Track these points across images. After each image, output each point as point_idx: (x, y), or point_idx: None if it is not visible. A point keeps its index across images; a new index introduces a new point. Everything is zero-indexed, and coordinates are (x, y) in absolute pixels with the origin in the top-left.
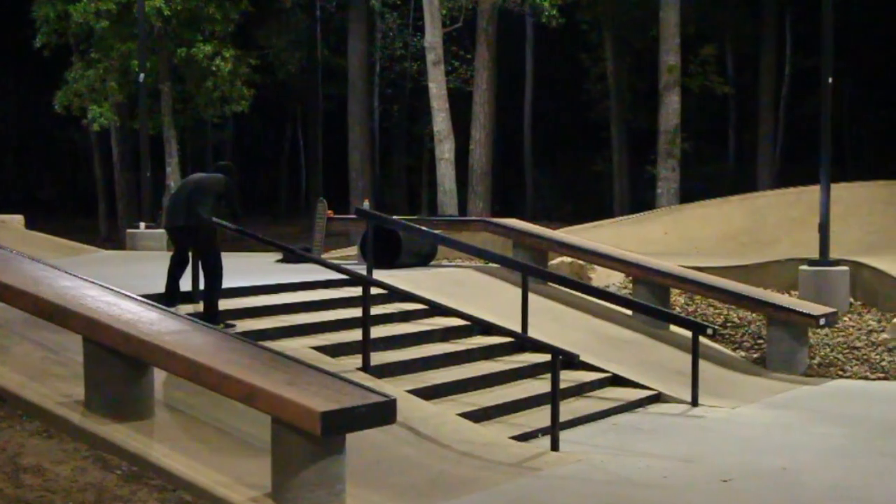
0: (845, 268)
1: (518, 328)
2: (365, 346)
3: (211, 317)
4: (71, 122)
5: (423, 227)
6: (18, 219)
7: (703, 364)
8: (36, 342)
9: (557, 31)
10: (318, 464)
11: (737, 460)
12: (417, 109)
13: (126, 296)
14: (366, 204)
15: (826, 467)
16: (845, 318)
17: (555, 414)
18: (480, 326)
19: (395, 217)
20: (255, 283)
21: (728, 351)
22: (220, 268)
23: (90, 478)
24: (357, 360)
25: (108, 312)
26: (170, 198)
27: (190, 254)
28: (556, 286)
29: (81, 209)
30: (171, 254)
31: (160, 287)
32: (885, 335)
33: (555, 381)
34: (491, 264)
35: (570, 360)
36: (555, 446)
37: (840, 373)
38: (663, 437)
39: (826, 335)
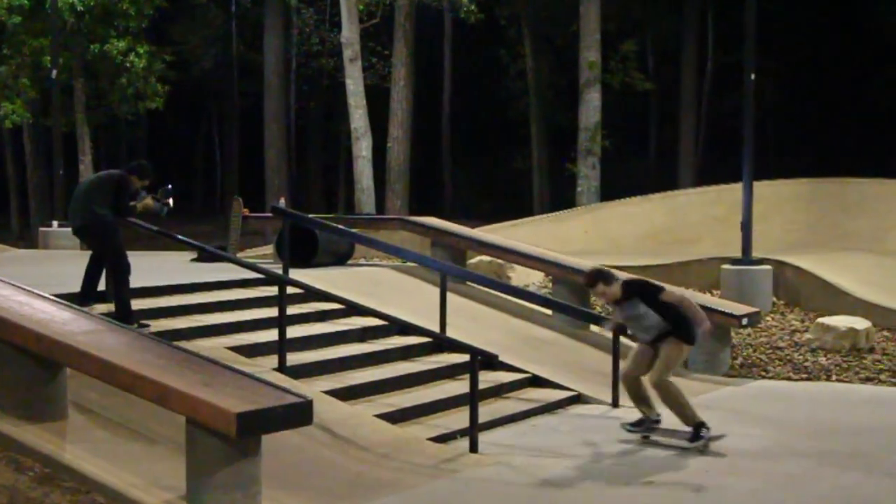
0: (768, 267)
1: (436, 328)
2: (281, 347)
3: (124, 316)
4: None
5: (341, 226)
6: None
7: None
8: None
9: (476, 27)
10: (233, 466)
11: (658, 462)
12: (334, 106)
13: (39, 295)
14: (282, 202)
15: (748, 469)
16: (768, 318)
17: (473, 415)
18: (398, 326)
19: (311, 215)
20: (169, 282)
21: None
22: (125, 264)
23: (2, 480)
24: (273, 361)
25: (20, 312)
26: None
27: None
28: (475, 285)
29: None
30: (83, 252)
31: (74, 287)
32: (808, 335)
33: (474, 382)
34: (409, 263)
35: (489, 361)
36: (473, 448)
37: (763, 373)
38: (583, 438)
39: (748, 335)
